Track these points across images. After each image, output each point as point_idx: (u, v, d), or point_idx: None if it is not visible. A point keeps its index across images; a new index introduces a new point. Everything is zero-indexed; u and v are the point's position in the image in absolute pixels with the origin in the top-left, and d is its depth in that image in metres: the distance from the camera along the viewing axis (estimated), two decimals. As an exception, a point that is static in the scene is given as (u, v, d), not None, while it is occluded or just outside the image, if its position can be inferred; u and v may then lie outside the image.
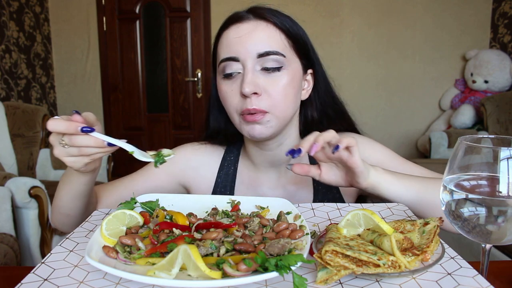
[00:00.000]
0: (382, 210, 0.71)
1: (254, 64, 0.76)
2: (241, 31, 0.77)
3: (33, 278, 0.48)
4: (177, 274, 0.45)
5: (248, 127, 0.78)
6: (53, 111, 3.84)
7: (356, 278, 0.48)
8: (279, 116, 0.78)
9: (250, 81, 0.75)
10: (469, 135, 0.49)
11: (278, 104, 0.77)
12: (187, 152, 0.94)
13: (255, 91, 0.75)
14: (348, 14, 3.64)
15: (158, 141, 3.94)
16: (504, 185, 0.44)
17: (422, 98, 3.74)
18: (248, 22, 0.78)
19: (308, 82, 0.87)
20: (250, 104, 0.75)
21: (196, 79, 3.80)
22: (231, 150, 0.94)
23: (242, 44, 0.76)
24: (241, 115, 0.78)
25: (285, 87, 0.77)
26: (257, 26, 0.77)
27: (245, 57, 0.76)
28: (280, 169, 0.89)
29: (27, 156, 2.80)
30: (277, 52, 0.77)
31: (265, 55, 0.76)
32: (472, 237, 0.47)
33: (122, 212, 0.60)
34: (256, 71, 0.77)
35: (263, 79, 0.77)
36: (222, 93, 0.81)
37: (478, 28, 3.61)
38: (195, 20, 3.72)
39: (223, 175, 0.92)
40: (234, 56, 0.77)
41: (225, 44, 0.79)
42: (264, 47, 0.76)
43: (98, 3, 3.73)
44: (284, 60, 0.77)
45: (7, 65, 3.16)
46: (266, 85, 0.76)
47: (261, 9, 0.80)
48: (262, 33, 0.77)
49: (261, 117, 0.76)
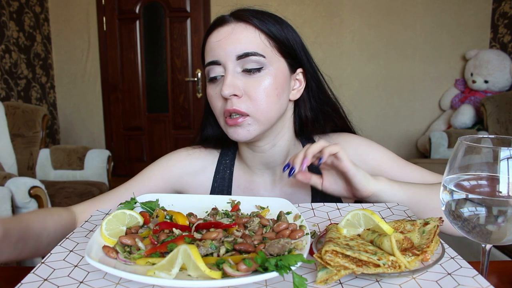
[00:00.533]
0: (382, 210, 0.71)
1: (235, 66, 0.77)
2: (220, 35, 0.78)
3: (33, 278, 0.48)
4: (177, 274, 0.44)
5: (231, 130, 0.78)
6: (53, 111, 3.84)
7: (356, 278, 0.47)
8: (260, 119, 0.77)
9: (229, 83, 0.75)
10: (469, 135, 0.49)
11: (259, 106, 0.76)
12: (182, 157, 0.92)
13: (234, 93, 0.75)
14: (348, 14, 3.64)
15: (158, 141, 3.94)
16: (504, 185, 0.44)
17: (422, 98, 3.75)
18: (228, 25, 0.78)
19: (300, 81, 0.85)
20: (231, 105, 0.76)
21: (196, 79, 3.80)
22: (226, 153, 0.93)
23: (222, 47, 0.77)
24: (224, 117, 0.78)
25: (266, 88, 0.77)
26: (236, 28, 0.77)
27: (225, 59, 0.77)
28: (275, 170, 0.88)
29: (27, 156, 2.81)
30: (256, 53, 0.76)
31: (244, 56, 0.76)
32: (472, 237, 0.47)
33: (122, 212, 0.60)
34: (236, 73, 0.77)
35: (244, 80, 0.77)
36: (208, 97, 0.82)
37: (478, 28, 3.61)
38: (195, 20, 3.72)
39: (219, 179, 0.91)
40: (215, 59, 0.78)
41: (208, 48, 0.80)
42: (242, 48, 0.76)
43: (98, 3, 3.73)
44: (264, 61, 0.77)
45: (7, 65, 3.17)
46: (246, 87, 0.76)
47: (242, 11, 0.80)
48: (241, 35, 0.77)
49: (241, 120, 0.76)
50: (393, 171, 0.85)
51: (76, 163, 2.87)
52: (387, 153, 0.88)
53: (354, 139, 0.89)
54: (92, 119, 3.95)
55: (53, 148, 2.92)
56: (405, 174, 0.85)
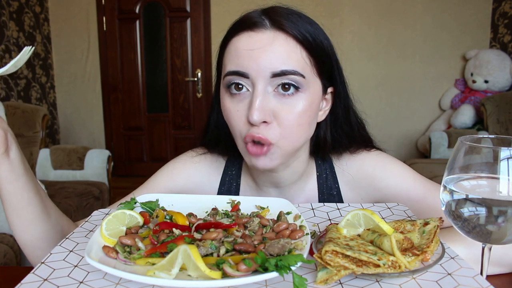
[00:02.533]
0: (382, 210, 0.71)
1: (266, 85, 0.64)
2: (254, 43, 0.64)
3: (33, 278, 0.48)
4: (177, 274, 0.44)
5: (252, 157, 0.68)
6: (53, 111, 3.84)
7: (356, 278, 0.47)
8: (287, 149, 0.68)
9: (259, 107, 0.63)
10: (469, 135, 0.49)
11: (288, 135, 0.66)
12: (187, 165, 0.85)
13: (264, 119, 0.64)
14: (348, 14, 3.64)
15: (158, 141, 3.94)
16: (504, 185, 0.44)
17: (422, 98, 3.75)
18: (264, 32, 0.65)
19: (327, 101, 0.75)
20: (257, 132, 0.65)
21: (196, 79, 3.80)
22: (232, 163, 0.85)
23: (254, 60, 0.64)
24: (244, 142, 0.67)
25: (300, 114, 0.66)
26: (275, 40, 0.64)
27: (257, 75, 0.64)
28: (284, 191, 0.81)
29: (27, 156, 2.80)
30: (296, 71, 0.64)
31: (281, 75, 0.63)
32: (472, 237, 0.47)
33: (122, 212, 0.60)
34: (267, 93, 0.65)
35: (275, 103, 0.65)
36: (226, 111, 0.69)
37: (478, 28, 3.61)
38: (195, 20, 3.72)
39: (225, 192, 0.85)
40: (243, 71, 0.65)
41: (233, 54, 0.66)
42: (280, 65, 0.63)
43: (98, 3, 3.73)
44: (303, 82, 0.65)
45: (7, 65, 3.17)
46: (278, 111, 0.65)
47: (279, 14, 0.66)
48: (280, 48, 0.64)
49: (266, 150, 0.66)
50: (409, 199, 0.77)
51: (76, 163, 2.87)
52: (408, 174, 0.79)
53: (367, 165, 0.79)
54: (92, 119, 3.95)
55: (53, 148, 2.92)
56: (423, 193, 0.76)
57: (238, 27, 0.68)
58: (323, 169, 0.82)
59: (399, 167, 0.80)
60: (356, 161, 0.80)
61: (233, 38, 0.68)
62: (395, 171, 0.79)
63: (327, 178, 0.82)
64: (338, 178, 0.82)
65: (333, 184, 0.82)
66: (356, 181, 0.81)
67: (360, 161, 0.80)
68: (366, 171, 0.79)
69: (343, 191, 0.82)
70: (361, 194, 0.81)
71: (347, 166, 0.81)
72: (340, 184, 0.82)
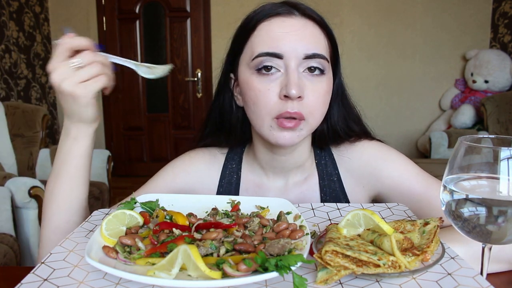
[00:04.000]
0: (382, 210, 0.71)
1: (299, 64, 0.70)
2: (288, 27, 0.70)
3: (33, 278, 0.48)
4: (177, 274, 0.44)
5: (278, 133, 0.71)
6: (53, 111, 3.84)
7: (356, 278, 0.47)
8: (312, 125, 0.73)
9: (297, 82, 0.68)
10: (469, 135, 0.49)
11: (315, 112, 0.72)
12: (185, 163, 0.87)
13: (300, 95, 0.68)
14: (348, 14, 3.64)
15: (158, 141, 3.94)
16: (504, 185, 0.44)
17: (422, 98, 3.75)
18: (295, 19, 0.71)
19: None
20: (292, 108, 0.68)
21: (196, 79, 3.80)
22: (232, 157, 0.88)
23: (289, 41, 0.69)
24: (276, 118, 0.70)
25: (324, 94, 0.72)
26: (306, 25, 0.71)
27: (290, 55, 0.69)
28: (288, 177, 0.84)
29: (27, 156, 2.80)
30: (323, 55, 0.71)
31: (312, 57, 0.70)
32: (472, 237, 0.47)
33: (122, 212, 0.60)
34: (299, 73, 0.70)
35: (306, 82, 0.70)
36: (255, 90, 0.71)
37: (478, 28, 3.61)
38: (195, 20, 3.72)
39: (226, 184, 0.87)
40: (278, 52, 0.69)
41: (266, 37, 0.71)
42: (312, 48, 0.70)
43: (98, 3, 3.73)
44: (326, 66, 0.72)
45: (7, 65, 3.16)
46: (307, 90, 0.70)
47: (305, 7, 0.73)
48: (311, 33, 0.71)
49: (297, 125, 0.70)
50: (410, 192, 0.78)
51: (76, 163, 2.86)
52: (410, 167, 0.80)
53: (368, 153, 0.82)
54: (92, 119, 3.95)
55: (53, 148, 2.92)
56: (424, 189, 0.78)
57: (270, 12, 0.72)
58: (322, 157, 0.85)
59: (401, 159, 0.81)
60: (356, 149, 0.83)
61: (262, 23, 0.72)
62: (397, 162, 0.81)
63: (326, 165, 0.84)
64: (338, 165, 0.84)
65: (333, 171, 0.84)
66: (357, 168, 0.82)
67: (361, 150, 0.83)
68: (368, 160, 0.81)
69: (344, 178, 0.83)
70: (363, 183, 0.82)
71: (347, 154, 0.83)
72: (340, 171, 0.84)
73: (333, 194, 0.83)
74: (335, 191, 0.83)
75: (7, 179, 2.03)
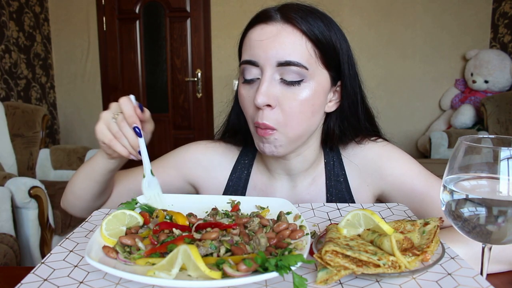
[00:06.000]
0: (382, 210, 0.71)
1: (273, 72, 0.70)
2: (264, 34, 0.70)
3: (33, 278, 0.48)
4: (177, 274, 0.44)
5: (260, 142, 0.74)
6: (53, 111, 3.84)
7: (356, 278, 0.47)
8: (289, 136, 0.72)
9: (264, 91, 0.68)
10: (469, 135, 0.49)
11: (290, 122, 0.71)
12: (198, 150, 0.89)
13: (268, 103, 0.69)
14: (348, 14, 3.64)
15: (158, 141, 3.94)
16: (504, 185, 0.44)
17: (422, 98, 3.74)
18: (273, 25, 0.70)
19: (338, 93, 0.79)
20: (261, 118, 0.70)
21: (196, 79, 3.80)
22: (245, 153, 0.89)
23: (262, 49, 0.70)
24: (255, 126, 0.73)
25: (302, 103, 0.70)
26: (282, 31, 0.70)
27: (264, 63, 0.70)
28: (296, 179, 0.84)
29: (27, 156, 2.80)
30: (299, 63, 0.69)
31: (285, 64, 0.69)
32: (472, 237, 0.47)
33: (122, 212, 0.60)
34: (274, 80, 0.70)
35: (280, 90, 0.70)
36: (240, 97, 0.76)
37: (478, 28, 3.61)
38: (195, 20, 3.72)
39: (235, 179, 0.87)
40: (253, 60, 0.71)
41: (247, 45, 0.73)
42: (285, 55, 0.68)
43: (98, 3, 3.73)
44: (306, 73, 0.70)
45: (7, 65, 3.16)
46: (281, 98, 0.70)
47: (291, 10, 0.71)
48: (286, 40, 0.69)
49: (269, 134, 0.71)
50: (413, 190, 0.79)
51: (76, 163, 2.87)
52: (413, 167, 0.81)
53: (373, 152, 0.83)
54: (92, 119, 3.95)
55: (53, 148, 2.92)
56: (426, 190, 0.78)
57: (254, 20, 0.74)
58: (331, 157, 0.85)
59: (405, 158, 0.82)
60: (362, 150, 0.83)
61: (249, 31, 0.74)
62: (401, 161, 0.81)
63: (334, 165, 0.85)
64: (344, 165, 0.84)
65: (340, 171, 0.84)
66: (362, 167, 0.83)
67: (366, 150, 0.83)
68: (372, 158, 0.82)
69: (350, 178, 0.84)
70: (367, 181, 0.83)
71: (353, 154, 0.84)
72: (346, 171, 0.84)
73: (339, 195, 0.83)
74: (341, 192, 0.83)
75: (7, 179, 2.03)
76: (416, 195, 0.78)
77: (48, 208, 2.17)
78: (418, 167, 0.81)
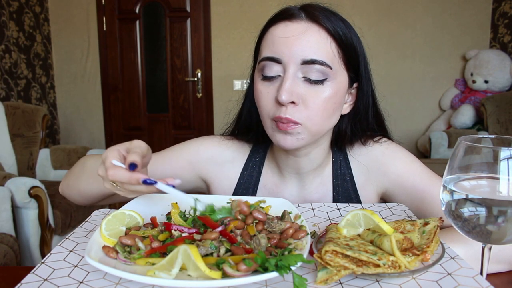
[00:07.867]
0: (382, 210, 0.71)
1: (297, 70, 0.70)
2: (289, 31, 0.70)
3: (33, 278, 0.48)
4: (177, 274, 0.44)
5: (279, 135, 0.73)
6: (53, 111, 3.84)
7: (356, 278, 0.47)
8: (312, 130, 0.72)
9: (288, 88, 0.69)
10: (469, 135, 0.49)
11: (314, 118, 0.71)
12: (213, 144, 0.89)
13: (292, 100, 0.69)
14: (348, 14, 3.63)
15: (158, 141, 3.94)
16: (504, 185, 0.44)
17: (422, 98, 3.74)
18: (299, 23, 0.71)
19: (353, 96, 0.80)
20: (284, 113, 0.70)
21: (196, 79, 3.80)
22: (257, 151, 0.89)
23: (287, 46, 0.70)
24: (273, 120, 0.73)
25: (325, 101, 0.71)
26: (308, 29, 0.70)
27: (289, 60, 0.70)
28: (305, 179, 0.85)
29: (27, 156, 2.80)
30: (324, 62, 0.69)
31: (310, 63, 0.69)
32: (472, 237, 0.47)
33: (121, 212, 0.60)
34: (297, 78, 0.70)
35: (304, 88, 0.70)
36: (257, 93, 0.75)
37: (478, 28, 3.61)
38: (195, 20, 3.72)
39: (247, 176, 0.87)
40: (276, 57, 0.71)
41: (270, 41, 0.72)
42: (311, 54, 0.69)
43: (98, 3, 3.73)
44: (329, 72, 0.70)
45: (7, 65, 3.16)
46: (305, 96, 0.70)
47: (315, 9, 0.72)
48: (312, 38, 0.70)
49: (293, 128, 0.71)
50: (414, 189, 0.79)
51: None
52: (415, 165, 0.82)
53: (377, 150, 0.84)
54: (92, 119, 3.95)
55: (53, 148, 2.92)
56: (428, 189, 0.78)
57: (276, 17, 0.74)
58: (338, 156, 0.86)
59: (408, 156, 0.84)
60: (368, 149, 0.85)
61: (271, 28, 0.74)
62: (404, 159, 0.83)
63: (341, 165, 0.86)
64: (351, 164, 0.85)
65: (346, 170, 0.85)
66: (367, 165, 0.84)
67: (372, 149, 0.84)
68: (377, 157, 0.83)
69: (356, 177, 0.85)
70: (371, 179, 0.84)
71: (359, 153, 0.85)
72: (353, 170, 0.85)
73: (345, 194, 0.84)
74: (347, 191, 0.84)
75: (7, 179, 2.03)
76: (417, 193, 0.79)
77: (48, 208, 2.17)
78: (421, 166, 0.82)
